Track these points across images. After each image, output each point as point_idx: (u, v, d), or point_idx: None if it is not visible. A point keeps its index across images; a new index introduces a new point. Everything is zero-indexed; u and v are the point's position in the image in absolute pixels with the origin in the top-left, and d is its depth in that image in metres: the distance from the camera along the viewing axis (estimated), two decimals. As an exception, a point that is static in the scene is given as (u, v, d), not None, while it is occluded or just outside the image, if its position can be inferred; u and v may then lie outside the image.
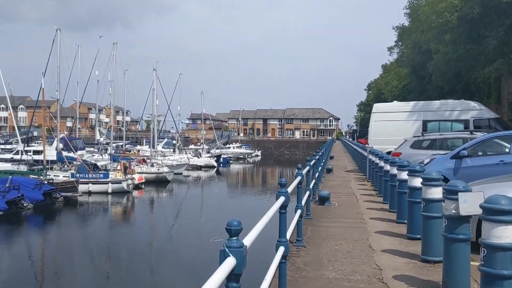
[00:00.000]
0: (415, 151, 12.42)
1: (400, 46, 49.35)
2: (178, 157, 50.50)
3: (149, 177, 37.11)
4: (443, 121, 15.69)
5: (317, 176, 11.68)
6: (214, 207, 30.43)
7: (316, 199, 10.13)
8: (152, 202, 31.83)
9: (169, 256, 17.62)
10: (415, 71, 42.10)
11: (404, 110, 16.76)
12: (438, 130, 14.90)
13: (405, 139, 13.40)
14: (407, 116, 16.45)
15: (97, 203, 29.43)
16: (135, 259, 17.25)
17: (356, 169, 20.70)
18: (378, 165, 11.16)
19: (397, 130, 16.22)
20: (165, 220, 26.01)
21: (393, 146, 15.45)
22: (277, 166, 71.51)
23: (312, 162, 9.66)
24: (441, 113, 15.91)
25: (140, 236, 21.63)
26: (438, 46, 29.70)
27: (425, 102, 17.13)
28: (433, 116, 15.87)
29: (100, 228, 23.72)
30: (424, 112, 16.15)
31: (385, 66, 78.34)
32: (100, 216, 27.06)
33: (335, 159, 27.92)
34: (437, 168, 8.49)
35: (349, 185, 13.93)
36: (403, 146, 13.03)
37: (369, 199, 11.11)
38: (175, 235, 21.95)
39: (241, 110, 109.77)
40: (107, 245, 20.49)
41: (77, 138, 46.86)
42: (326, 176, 16.50)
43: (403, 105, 17.49)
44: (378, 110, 17.51)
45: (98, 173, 30.92)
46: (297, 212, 6.18)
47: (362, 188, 13.13)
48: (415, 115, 16.38)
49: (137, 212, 28.37)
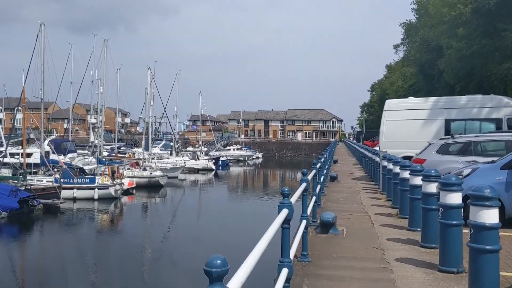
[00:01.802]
0: (443, 157, 10.07)
1: (407, 44, 47.14)
2: (174, 159, 48.39)
3: (140, 181, 35.02)
4: (470, 120, 13.21)
5: (319, 190, 9.34)
6: (208, 216, 28.34)
7: (317, 223, 7.50)
8: (142, 209, 29.65)
9: (154, 275, 15.48)
10: (422, 70, 39.86)
11: (423, 107, 14.24)
12: (464, 131, 12.55)
13: (429, 142, 10.92)
14: (426, 115, 13.98)
15: (81, 210, 27.31)
16: (117, 273, 15.31)
17: (364, 176, 18.51)
18: (400, 177, 8.70)
19: (414, 131, 13.88)
20: (154, 231, 23.86)
21: (409, 150, 13.23)
22: (279, 169, 69.33)
23: (318, 165, 8.61)
24: (467, 110, 13.30)
25: (125, 248, 19.68)
26: (450, 41, 27.48)
27: (448, 98, 14.43)
28: (458, 114, 13.37)
29: (81, 239, 21.60)
30: (447, 110, 13.60)
31: (390, 66, 76.26)
32: (83, 225, 24.94)
33: (339, 164, 25.66)
34: (483, 181, 6.24)
35: (359, 199, 11.64)
36: (428, 150, 10.54)
37: (387, 221, 8.62)
38: (163, 249, 19.86)
39: (241, 111, 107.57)
40: (87, 258, 18.45)
41: (67, 140, 44.62)
42: (330, 186, 14.24)
43: (421, 101, 14.87)
44: (391, 108, 14.83)
45: (84, 178, 28.79)
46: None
47: (376, 203, 10.77)
48: (435, 113, 13.85)
49: (124, 221, 26.22)
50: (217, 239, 20.57)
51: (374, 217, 8.95)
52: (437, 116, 13.68)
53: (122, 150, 55.92)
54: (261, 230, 3.00)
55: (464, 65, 27.28)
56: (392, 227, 8.03)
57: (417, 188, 6.96)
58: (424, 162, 9.40)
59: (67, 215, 26.17)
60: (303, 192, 5.63)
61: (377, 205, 10.37)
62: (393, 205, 9.86)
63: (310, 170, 7.80)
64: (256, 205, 31.87)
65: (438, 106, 13.97)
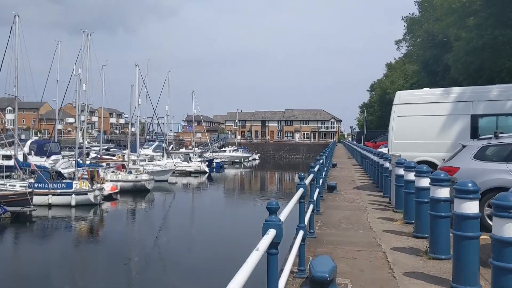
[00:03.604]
0: (484, 164, 7.34)
1: (409, 39, 44.84)
2: (165, 161, 45.97)
3: (125, 185, 32.61)
4: (504, 115, 10.55)
5: (312, 211, 6.46)
6: (197, 223, 26.08)
7: (306, 271, 4.90)
8: (124, 217, 27.20)
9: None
10: (426, 67, 37.55)
11: (443, 100, 11.52)
12: (496, 129, 10.08)
13: (463, 144, 8.02)
14: (448, 109, 11.36)
15: (56, 218, 24.93)
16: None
17: (368, 184, 15.31)
18: (432, 196, 5.49)
19: (432, 129, 11.37)
20: (136, 241, 21.48)
21: (426, 154, 10.86)
22: (276, 171, 66.93)
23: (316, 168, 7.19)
24: (500, 103, 10.63)
25: (104, 260, 17.63)
26: (459, 32, 25.17)
27: (475, 89, 11.66)
28: (487, 109, 10.63)
29: (52, 251, 19.32)
30: (474, 103, 10.93)
31: (390, 65, 74.05)
32: (56, 235, 22.56)
33: (338, 167, 23.10)
34: None
35: (366, 220, 8.38)
36: (462, 156, 7.69)
37: (413, 264, 5.51)
38: (146, 261, 17.65)
39: (238, 112, 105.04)
40: (58, 272, 16.22)
41: (50, 141, 42.14)
42: (328, 199, 11.13)
43: (441, 93, 12.02)
44: (403, 101, 12.06)
45: (60, 183, 26.36)
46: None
47: (391, 228, 7.55)
48: (459, 107, 11.21)
49: (104, 230, 23.80)
50: (205, 251, 18.65)
51: (392, 257, 5.86)
52: (461, 110, 11.11)
53: (111, 151, 53.57)
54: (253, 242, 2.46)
55: (473, 59, 24.96)
56: (423, 276, 4.99)
57: (468, 220, 4.35)
58: (456, 172, 7.01)
59: (39, 224, 23.77)
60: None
61: (392, 232, 7.29)
62: (416, 233, 6.74)
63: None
64: (250, 211, 29.52)
65: (463, 98, 11.32)
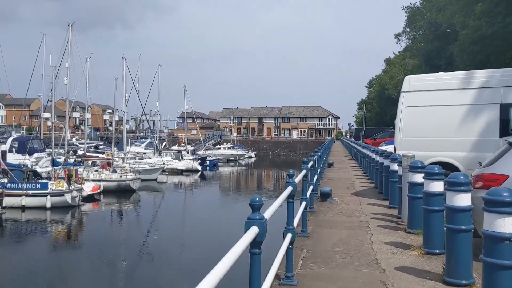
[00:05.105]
0: None
1: (409, 32, 42.94)
2: (154, 160, 44.00)
3: (109, 185, 30.68)
4: None
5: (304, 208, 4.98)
6: (185, 224, 24.26)
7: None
8: (105, 220, 25.14)
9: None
10: (428, 60, 35.65)
11: (464, 87, 9.17)
12: None
13: (509, 141, 5.71)
14: (470, 97, 9.08)
15: (28, 222, 23.04)
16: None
17: (370, 188, 12.78)
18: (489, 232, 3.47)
19: (450, 123, 9.14)
20: (116, 246, 19.49)
21: (442, 154, 8.87)
22: (272, 169, 64.96)
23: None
24: None
25: (79, 267, 16.12)
26: (466, 20, 23.24)
27: (505, 71, 9.23)
28: None
29: (21, 259, 17.39)
30: (504, 89, 8.70)
31: (389, 60, 72.12)
32: (28, 239, 20.71)
33: (335, 168, 21.07)
34: None
35: (370, 248, 5.89)
36: (509, 158, 5.35)
37: None
38: (126, 268, 15.96)
39: (233, 108, 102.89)
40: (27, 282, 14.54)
41: (33, 138, 40.11)
42: (320, 211, 8.81)
43: (461, 77, 9.54)
44: (414, 88, 9.74)
45: (34, 183, 24.39)
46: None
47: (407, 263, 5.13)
48: (485, 95, 8.96)
49: (81, 235, 21.87)
50: (192, 253, 17.35)
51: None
52: (488, 98, 8.93)
53: (100, 149, 51.57)
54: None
55: (481, 48, 23.06)
56: None
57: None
58: (505, 181, 5.06)
59: (10, 228, 21.90)
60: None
61: (410, 271, 4.80)
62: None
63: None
64: (243, 211, 27.57)
65: (490, 83, 9.04)
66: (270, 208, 3.29)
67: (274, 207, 3.43)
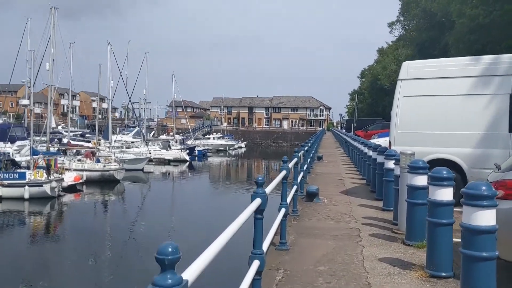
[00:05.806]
0: None
1: (403, 21, 42.09)
2: (140, 149, 42.96)
3: (92, 175, 29.67)
4: None
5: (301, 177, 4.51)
6: (170, 215, 23.40)
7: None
8: (85, 211, 24.13)
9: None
10: (422, 49, 34.87)
11: (469, 74, 8.17)
12: None
13: None
14: (476, 87, 8.03)
15: (5, 213, 22.04)
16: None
17: (361, 186, 11.89)
18: None
19: (453, 115, 8.18)
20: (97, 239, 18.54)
21: (444, 149, 8.00)
22: (262, 159, 64.17)
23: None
24: None
25: (55, 262, 15.29)
26: (462, 8, 22.42)
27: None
28: None
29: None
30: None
31: (382, 50, 71.31)
32: (2, 233, 19.66)
33: (324, 161, 20.18)
34: None
35: (361, 267, 4.88)
36: None
37: None
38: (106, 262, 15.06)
39: (224, 97, 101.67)
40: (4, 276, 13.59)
41: (15, 125, 38.84)
42: (304, 214, 7.76)
43: (466, 63, 8.51)
44: (413, 75, 8.70)
45: (11, 173, 23.34)
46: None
47: (404, 285, 4.28)
48: (493, 84, 7.93)
49: (61, 226, 20.96)
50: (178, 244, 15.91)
51: None
52: (497, 88, 7.89)
53: (86, 137, 50.43)
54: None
55: (478, 37, 22.29)
56: None
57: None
58: None
59: (-16, 219, 20.86)
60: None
61: None
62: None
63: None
64: (230, 202, 26.71)
65: (499, 70, 7.98)
66: (270, 185, 4.22)
67: (273, 185, 4.43)
